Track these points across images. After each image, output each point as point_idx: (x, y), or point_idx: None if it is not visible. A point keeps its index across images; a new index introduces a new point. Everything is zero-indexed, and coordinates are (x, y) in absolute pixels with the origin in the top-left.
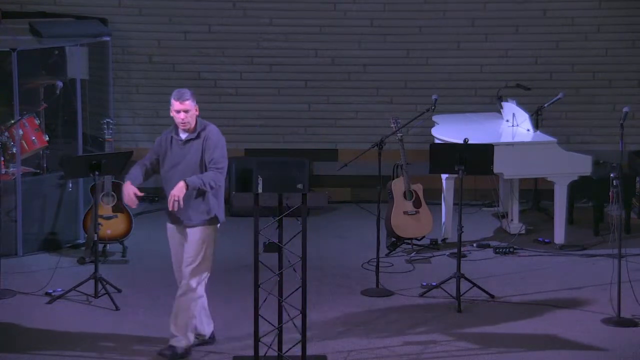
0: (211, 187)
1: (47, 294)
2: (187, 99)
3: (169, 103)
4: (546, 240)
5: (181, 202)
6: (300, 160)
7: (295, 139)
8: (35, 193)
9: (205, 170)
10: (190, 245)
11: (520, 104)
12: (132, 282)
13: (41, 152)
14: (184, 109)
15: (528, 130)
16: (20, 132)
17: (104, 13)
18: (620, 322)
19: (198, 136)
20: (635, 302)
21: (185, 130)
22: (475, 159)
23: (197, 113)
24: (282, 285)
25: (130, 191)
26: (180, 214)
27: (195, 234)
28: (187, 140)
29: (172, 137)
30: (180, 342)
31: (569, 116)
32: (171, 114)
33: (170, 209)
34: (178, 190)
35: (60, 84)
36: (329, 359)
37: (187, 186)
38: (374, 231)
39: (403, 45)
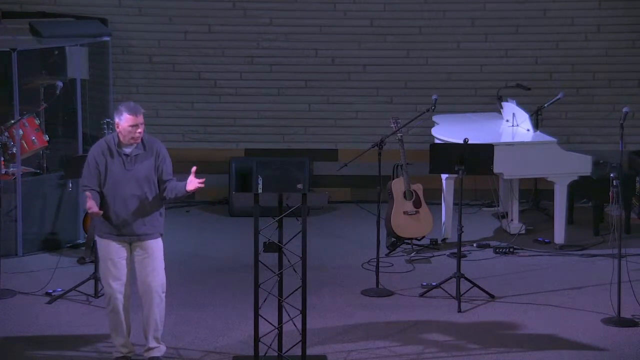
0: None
1: (47, 294)
2: (141, 113)
3: (169, 103)
4: (546, 240)
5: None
6: (300, 160)
7: (295, 139)
8: (35, 193)
9: (155, 184)
10: (154, 258)
11: (520, 104)
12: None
13: (41, 152)
14: (140, 123)
15: (528, 130)
16: (20, 132)
17: (104, 13)
18: (620, 322)
19: (147, 150)
20: (635, 302)
21: (131, 145)
22: (475, 159)
23: (144, 126)
24: (282, 285)
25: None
26: (135, 229)
27: (155, 245)
28: (135, 155)
29: (111, 151)
30: (161, 350)
31: (569, 116)
32: (120, 129)
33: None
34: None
35: (60, 84)
36: (329, 359)
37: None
38: (374, 231)
39: (403, 45)
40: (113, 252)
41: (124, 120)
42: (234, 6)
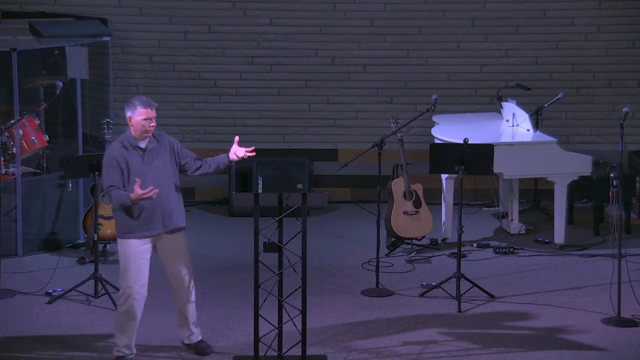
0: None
1: (47, 294)
2: (155, 106)
3: (169, 103)
4: (546, 240)
5: None
6: (300, 160)
7: (295, 139)
8: (35, 193)
9: (176, 175)
10: (184, 250)
11: (520, 104)
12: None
13: (41, 152)
14: (154, 117)
15: (528, 130)
16: (20, 132)
17: (104, 13)
18: (620, 322)
19: (160, 143)
20: (635, 302)
21: (144, 139)
22: (475, 159)
23: None
24: (282, 285)
25: (141, 191)
26: (163, 222)
27: (183, 237)
28: (151, 149)
29: (127, 148)
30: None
31: (569, 116)
32: (132, 122)
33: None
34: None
35: (60, 84)
36: (329, 359)
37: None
38: (374, 231)
39: (403, 45)
40: (137, 254)
41: (138, 114)
42: (234, 6)
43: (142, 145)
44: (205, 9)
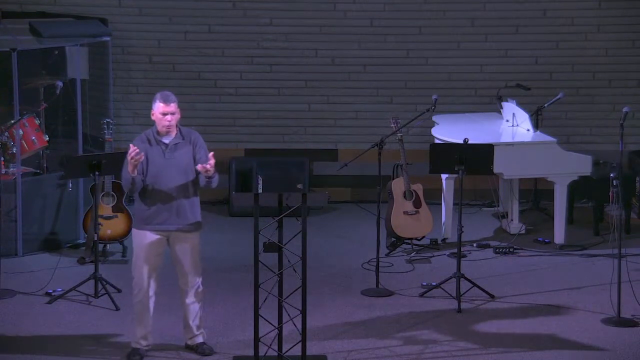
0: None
1: (47, 294)
2: (173, 102)
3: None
4: (546, 240)
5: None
6: (300, 160)
7: (295, 139)
8: (35, 193)
9: (194, 174)
10: (193, 252)
11: (520, 104)
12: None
13: (41, 152)
14: (170, 112)
15: (528, 130)
16: (20, 132)
17: (104, 13)
18: (620, 322)
19: (184, 140)
20: (635, 302)
21: (167, 134)
22: (475, 159)
23: (179, 116)
24: (282, 285)
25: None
26: (176, 220)
27: (195, 239)
28: (174, 144)
29: (150, 141)
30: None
31: (569, 116)
32: (153, 118)
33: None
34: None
35: (60, 84)
36: (329, 359)
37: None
38: (374, 231)
39: (403, 45)
40: (149, 246)
41: (156, 108)
42: (234, 6)
43: (166, 141)
44: (205, 9)
